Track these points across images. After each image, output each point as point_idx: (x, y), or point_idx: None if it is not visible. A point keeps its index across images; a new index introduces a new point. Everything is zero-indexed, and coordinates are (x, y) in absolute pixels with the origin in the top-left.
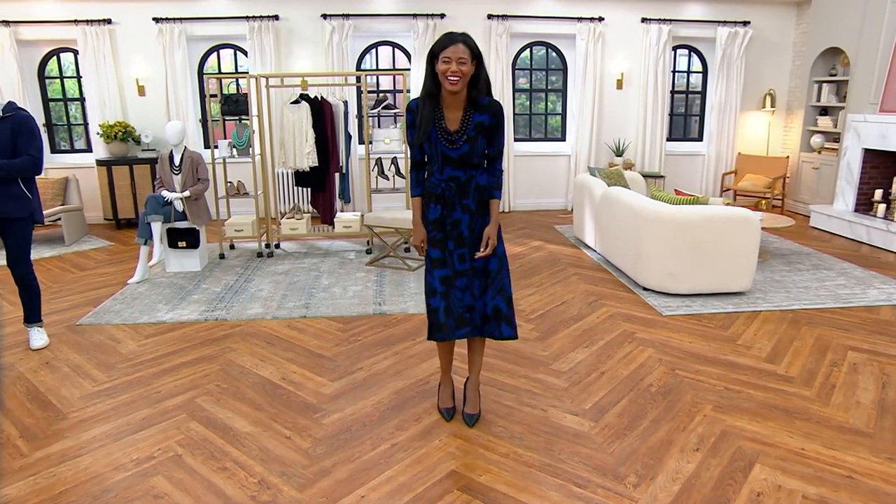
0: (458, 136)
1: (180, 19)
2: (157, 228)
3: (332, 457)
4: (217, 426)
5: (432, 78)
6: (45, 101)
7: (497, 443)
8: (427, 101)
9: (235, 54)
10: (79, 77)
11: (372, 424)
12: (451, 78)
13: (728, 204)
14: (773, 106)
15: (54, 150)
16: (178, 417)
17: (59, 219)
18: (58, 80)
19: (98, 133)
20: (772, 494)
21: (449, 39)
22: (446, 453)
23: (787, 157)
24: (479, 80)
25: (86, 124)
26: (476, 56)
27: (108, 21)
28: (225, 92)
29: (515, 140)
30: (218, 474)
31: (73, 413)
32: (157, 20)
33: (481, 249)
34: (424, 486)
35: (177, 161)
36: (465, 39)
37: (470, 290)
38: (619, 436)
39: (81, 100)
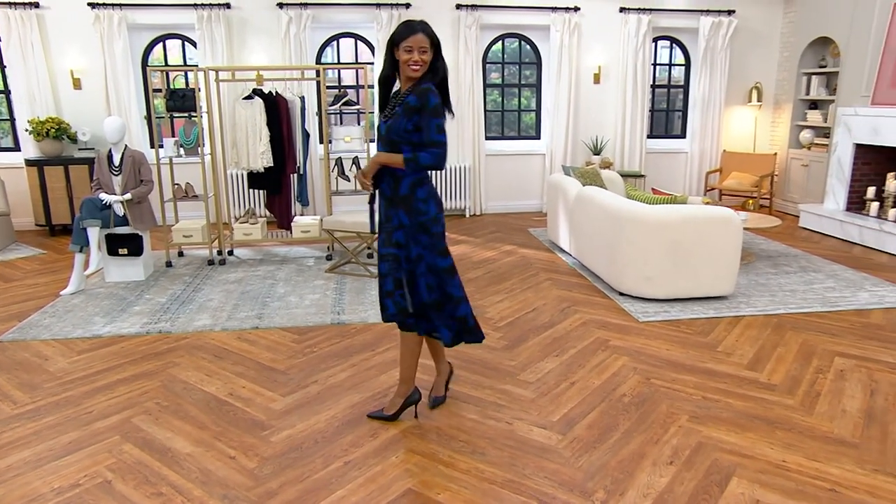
0: (390, 111)
1: (119, 5)
2: (95, 234)
3: (279, 477)
4: (154, 448)
5: (391, 64)
6: None
7: (458, 458)
8: (383, 85)
9: (184, 46)
10: (2, 67)
11: (324, 441)
12: (413, 66)
13: (707, 203)
14: (759, 100)
15: None
16: (111, 440)
17: None
18: None
19: (27, 130)
20: None
21: (409, 29)
22: (403, 470)
23: (775, 153)
24: (436, 67)
25: (12, 120)
26: (435, 44)
27: (36, 5)
28: (172, 86)
29: (487, 138)
30: (151, 500)
31: None
32: (92, 5)
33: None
34: None
35: (116, 161)
36: (425, 28)
37: (391, 275)
38: (588, 449)
39: (6, 92)
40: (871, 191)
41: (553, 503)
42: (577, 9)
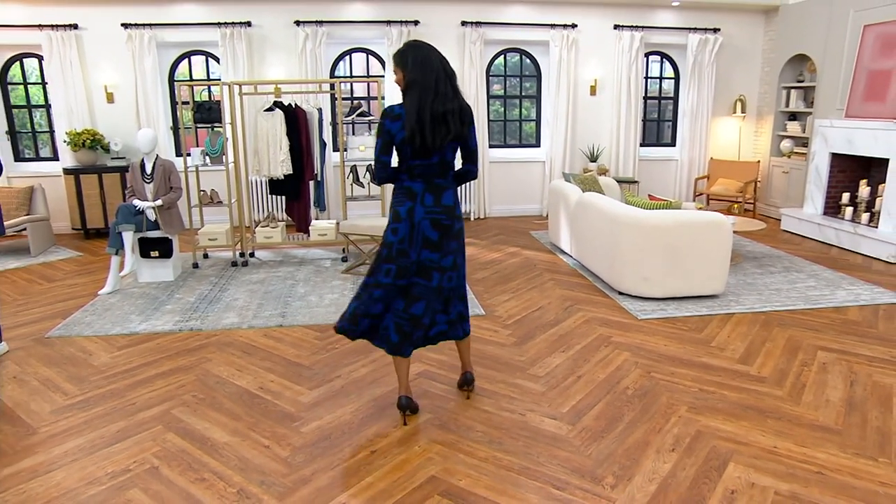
0: None
1: (150, 25)
2: (129, 238)
3: (311, 465)
4: (194, 437)
5: None
6: (8, 107)
7: (476, 447)
8: None
9: (207, 61)
10: (44, 83)
11: (351, 432)
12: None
13: (700, 208)
14: (743, 111)
15: (18, 158)
16: (155, 429)
17: (25, 229)
18: (21, 87)
19: (65, 141)
20: (745, 492)
21: None
22: (426, 459)
23: (758, 161)
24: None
25: (51, 132)
26: (400, 65)
27: (75, 26)
28: (197, 99)
29: (490, 146)
30: (196, 485)
31: (43, 428)
32: (125, 26)
33: None
34: (405, 492)
35: (148, 169)
36: (395, 54)
37: None
38: (596, 438)
39: (47, 107)
40: (845, 196)
41: (566, 488)
42: (574, 26)
